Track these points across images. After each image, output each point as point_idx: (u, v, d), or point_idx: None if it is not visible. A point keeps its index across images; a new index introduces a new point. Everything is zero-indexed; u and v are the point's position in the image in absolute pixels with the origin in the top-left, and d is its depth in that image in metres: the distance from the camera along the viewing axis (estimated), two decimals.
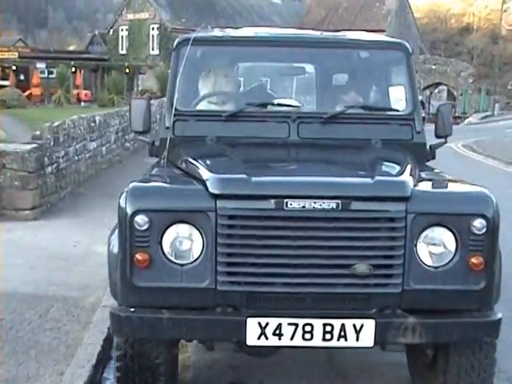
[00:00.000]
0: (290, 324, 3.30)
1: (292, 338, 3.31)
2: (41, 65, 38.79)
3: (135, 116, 4.49)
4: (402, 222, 3.31)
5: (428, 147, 4.58)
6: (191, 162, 3.84)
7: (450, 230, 3.37)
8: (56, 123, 9.65)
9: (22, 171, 8.64)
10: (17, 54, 40.49)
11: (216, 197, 3.31)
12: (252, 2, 49.79)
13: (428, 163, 4.58)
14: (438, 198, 3.46)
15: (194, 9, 44.06)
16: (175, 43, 4.56)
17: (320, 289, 3.35)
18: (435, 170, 4.21)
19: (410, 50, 4.63)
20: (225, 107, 4.55)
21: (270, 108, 4.44)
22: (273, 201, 3.28)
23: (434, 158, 4.68)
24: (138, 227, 3.31)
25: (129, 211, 3.31)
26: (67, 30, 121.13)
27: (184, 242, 3.35)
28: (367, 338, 3.32)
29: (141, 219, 3.30)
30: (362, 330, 3.31)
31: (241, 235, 3.32)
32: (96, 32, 57.16)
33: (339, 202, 3.29)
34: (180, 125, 4.37)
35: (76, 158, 10.81)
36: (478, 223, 3.33)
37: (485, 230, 3.34)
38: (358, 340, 3.32)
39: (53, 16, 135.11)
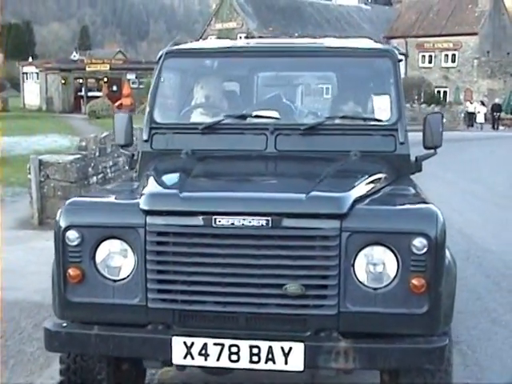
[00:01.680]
0: (215, 344, 3.20)
1: (218, 359, 3.21)
2: (131, 76, 40.01)
3: (118, 129, 4.50)
4: (336, 240, 3.14)
5: (414, 159, 4.34)
6: (147, 177, 3.80)
7: (391, 250, 3.17)
8: (103, 134, 9.88)
9: (65, 181, 8.87)
10: (108, 65, 41.88)
11: (146, 213, 3.25)
12: (341, 8, 49.40)
13: (414, 176, 4.35)
14: (376, 215, 3.24)
15: (281, 17, 44.22)
16: (158, 55, 4.54)
17: (253, 309, 3.22)
18: (409, 185, 3.93)
19: (398, 57, 4.41)
20: (203, 119, 4.47)
21: (248, 120, 4.33)
22: (201, 217, 3.20)
23: (420, 170, 4.43)
24: (69, 243, 3.31)
25: (61, 226, 3.32)
26: (166, 40, 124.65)
27: (116, 258, 3.33)
28: (296, 362, 3.16)
29: (72, 235, 3.30)
30: (291, 354, 3.16)
31: (170, 252, 3.25)
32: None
33: (269, 218, 3.16)
34: (158, 138, 4.34)
35: (126, 167, 11.02)
36: (418, 242, 3.11)
37: (426, 249, 3.11)
38: (286, 363, 3.17)
39: (153, 28, 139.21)
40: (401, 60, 4.46)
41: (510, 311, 6.01)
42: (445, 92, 44.82)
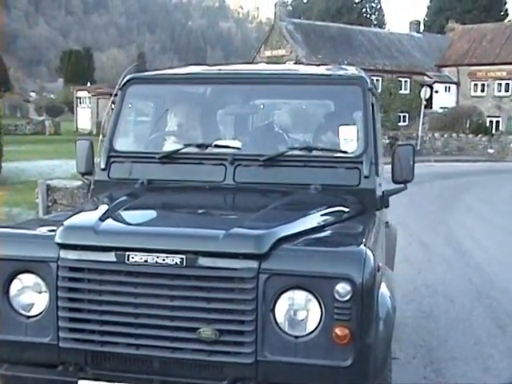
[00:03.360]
0: None
1: None
2: None
3: (79, 156, 4.36)
4: (253, 282, 2.91)
5: (380, 194, 4.06)
6: (82, 208, 3.65)
7: (313, 295, 2.90)
8: None
9: (72, 206, 8.81)
10: None
11: (60, 246, 3.09)
12: (392, 36, 49.01)
13: (380, 212, 4.06)
14: (298, 256, 2.98)
15: (330, 45, 44.08)
16: (122, 82, 4.40)
17: (166, 353, 3.01)
18: (361, 223, 3.60)
19: (369, 85, 4.16)
20: (163, 148, 4.30)
21: (208, 149, 4.13)
22: (115, 253, 3.01)
23: (387, 206, 4.14)
24: None
25: None
26: None
27: (30, 293, 3.18)
28: None
29: None
30: None
31: (83, 289, 3.08)
32: None
33: (184, 257, 2.96)
34: (116, 167, 4.19)
35: None
36: (341, 288, 2.84)
37: (349, 296, 2.84)
38: None
39: (211, 54, 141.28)
40: (371, 88, 4.19)
41: (507, 357, 5.59)
42: (497, 122, 43.76)
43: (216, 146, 4.13)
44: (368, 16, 68.52)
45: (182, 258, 2.95)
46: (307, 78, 4.32)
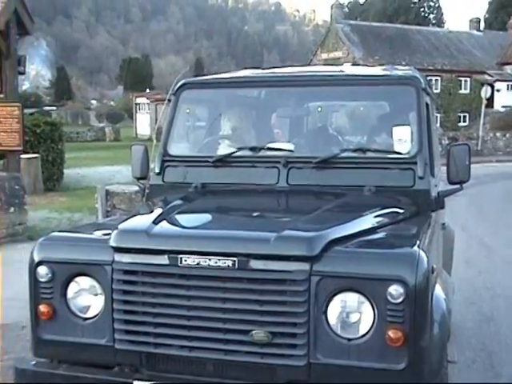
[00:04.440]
0: None
1: None
2: None
3: (134, 161, 4.43)
4: (305, 284, 2.90)
5: (436, 195, 3.99)
6: (136, 212, 3.71)
7: (366, 297, 2.87)
8: None
9: (129, 211, 8.94)
10: None
11: (114, 250, 3.14)
12: (450, 35, 48.13)
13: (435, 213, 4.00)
14: (350, 257, 2.95)
15: (387, 45, 43.60)
16: (176, 87, 4.45)
17: (220, 355, 3.02)
18: (415, 225, 3.54)
19: (423, 84, 4.10)
20: (217, 152, 4.33)
21: (261, 152, 4.14)
22: (167, 256, 3.04)
23: (442, 207, 4.07)
24: (40, 278, 3.26)
25: (33, 262, 3.28)
26: None
27: (86, 295, 3.25)
28: None
29: (43, 270, 3.26)
30: None
31: (136, 292, 3.13)
32: None
33: (236, 259, 2.96)
34: (170, 171, 4.24)
35: None
36: (394, 290, 2.81)
37: (402, 298, 2.80)
38: None
39: (267, 59, 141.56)
40: (425, 88, 4.13)
41: None
42: None
43: (269, 148, 4.13)
44: (426, 15, 67.51)
45: (234, 261, 2.96)
46: (361, 79, 4.28)
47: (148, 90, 56.83)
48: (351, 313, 2.90)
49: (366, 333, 2.88)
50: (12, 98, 11.13)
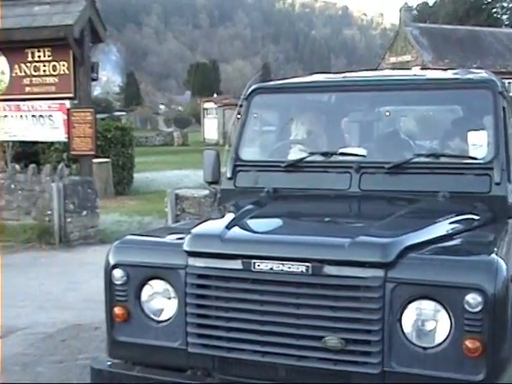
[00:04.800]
0: None
1: None
2: None
3: (206, 166, 4.47)
4: (379, 291, 2.86)
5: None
6: (209, 217, 3.74)
7: (442, 305, 2.82)
8: None
9: (199, 215, 9.03)
10: None
11: (188, 254, 3.18)
12: None
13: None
14: (426, 265, 2.89)
15: (458, 48, 42.71)
16: (248, 91, 4.47)
17: (292, 361, 3.01)
18: (492, 232, 3.45)
19: (499, 88, 4.00)
20: (289, 157, 4.33)
21: (333, 157, 4.12)
22: (241, 261, 3.06)
23: None
24: (115, 281, 3.32)
25: (108, 265, 3.34)
26: None
27: (160, 299, 3.30)
28: None
29: (118, 273, 3.32)
30: None
31: (210, 296, 3.15)
32: None
33: (309, 265, 2.95)
34: (242, 176, 4.27)
35: None
36: (472, 298, 2.74)
37: (480, 307, 2.73)
38: None
39: (335, 63, 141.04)
40: (502, 92, 4.02)
41: None
42: None
43: (341, 153, 4.11)
44: (499, 16, 65.83)
45: (308, 266, 2.95)
46: (434, 82, 4.21)
47: (215, 95, 57.39)
48: (427, 321, 2.85)
49: (442, 342, 2.82)
50: (85, 103, 11.39)
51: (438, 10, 58.22)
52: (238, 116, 4.52)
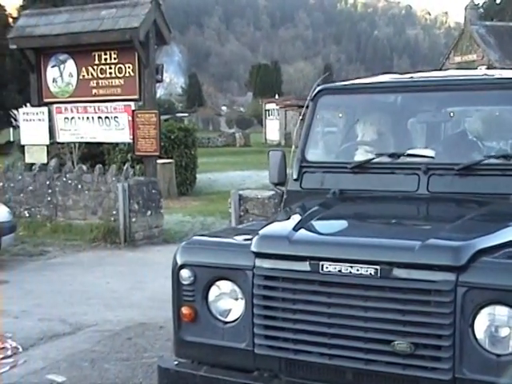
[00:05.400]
0: None
1: None
2: None
3: (272, 167, 4.46)
4: (450, 295, 2.81)
5: None
6: (276, 218, 3.75)
7: None
8: None
9: (263, 216, 9.05)
10: None
11: (256, 255, 3.18)
12: None
13: None
14: (500, 269, 2.82)
15: None
16: (314, 92, 4.45)
17: (360, 364, 2.98)
18: None
19: None
20: (355, 158, 4.29)
21: (401, 159, 4.07)
22: (309, 263, 3.05)
23: None
24: (183, 281, 3.35)
25: (176, 265, 3.38)
26: None
27: (227, 299, 3.31)
28: None
29: (185, 273, 3.35)
30: None
31: (277, 297, 3.15)
32: None
33: (378, 267, 2.92)
34: (308, 177, 4.25)
35: None
36: None
37: None
38: None
39: (397, 63, 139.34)
40: None
41: None
42: None
43: (409, 155, 4.04)
44: None
45: (377, 269, 2.92)
46: (503, 82, 4.10)
47: (277, 96, 57.39)
48: (500, 327, 2.78)
49: None
50: (150, 105, 11.56)
51: (506, 7, 56.76)
52: (301, 117, 4.50)
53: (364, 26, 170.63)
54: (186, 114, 61.89)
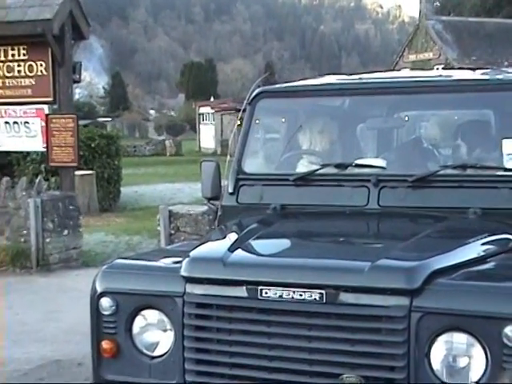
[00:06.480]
0: None
1: None
2: None
3: (204, 179, 4.45)
4: (404, 322, 2.86)
5: None
6: (209, 238, 3.76)
7: (476, 338, 2.81)
8: None
9: (196, 234, 9.04)
10: None
11: (186, 280, 3.18)
12: None
13: None
14: (458, 292, 2.89)
15: (486, 44, 42.86)
16: (252, 96, 4.48)
17: None
18: None
19: None
20: (298, 170, 4.33)
21: (348, 170, 4.12)
22: (245, 288, 3.06)
23: None
24: (103, 311, 3.32)
25: (95, 292, 3.35)
26: None
27: (154, 331, 3.31)
28: None
29: (107, 302, 3.33)
30: None
31: (210, 328, 3.16)
32: None
33: (323, 292, 2.96)
34: (245, 190, 4.26)
35: None
36: (510, 331, 2.73)
37: None
38: None
39: (346, 62, 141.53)
40: None
41: None
42: None
43: (357, 165, 4.11)
44: None
45: (322, 294, 2.95)
46: (461, 84, 4.22)
47: (212, 99, 57.54)
48: (459, 356, 2.85)
49: (478, 381, 2.81)
50: (66, 108, 11.40)
51: (464, 1, 58.37)
52: (239, 122, 4.52)
53: (309, 21, 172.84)
54: (109, 119, 61.42)
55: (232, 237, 3.54)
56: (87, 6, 12.40)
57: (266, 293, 3.02)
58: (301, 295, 2.98)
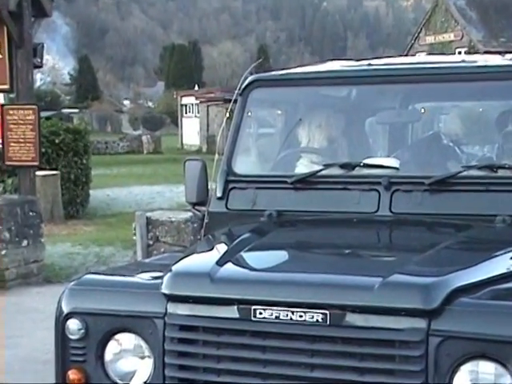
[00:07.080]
0: None
1: None
2: None
3: (188, 182, 4.46)
4: (421, 348, 2.88)
5: None
6: (194, 249, 3.78)
7: (505, 367, 2.83)
8: None
9: (178, 245, 9.06)
10: None
11: (168, 298, 3.19)
12: None
13: None
14: (483, 313, 2.90)
15: None
16: (243, 84, 4.49)
17: None
18: None
19: None
20: (296, 170, 4.36)
21: (356, 171, 4.15)
22: (236, 307, 3.08)
23: None
24: (70, 335, 3.34)
25: (61, 313, 3.36)
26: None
27: (130, 358, 3.31)
28: None
29: (74, 324, 3.34)
30: None
31: (195, 354, 3.18)
32: None
33: (327, 313, 2.98)
34: (236, 194, 4.28)
35: None
36: None
37: None
38: None
39: (352, 44, 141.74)
40: None
41: None
42: None
43: (366, 165, 4.14)
44: None
45: (325, 315, 2.97)
46: (488, 71, 4.25)
47: (197, 88, 57.68)
48: None
49: None
50: (25, 97, 11.38)
51: None
52: (228, 115, 4.55)
53: None
54: (76, 111, 61.51)
55: (221, 248, 3.57)
56: None
57: (261, 313, 3.04)
58: (301, 316, 2.99)
